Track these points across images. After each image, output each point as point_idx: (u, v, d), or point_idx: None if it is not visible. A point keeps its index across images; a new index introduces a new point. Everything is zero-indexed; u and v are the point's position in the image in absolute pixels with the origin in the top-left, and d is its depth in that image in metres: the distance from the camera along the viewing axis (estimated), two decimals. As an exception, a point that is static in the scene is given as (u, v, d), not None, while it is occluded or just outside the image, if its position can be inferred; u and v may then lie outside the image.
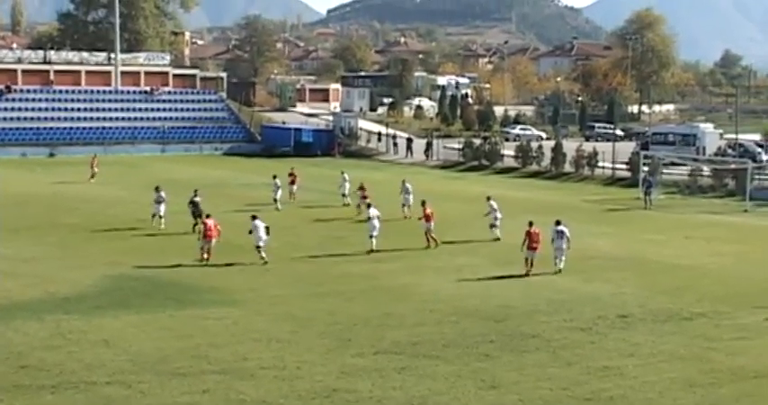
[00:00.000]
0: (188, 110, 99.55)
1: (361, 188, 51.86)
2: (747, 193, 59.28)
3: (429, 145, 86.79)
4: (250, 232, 38.41)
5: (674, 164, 70.09)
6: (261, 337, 26.99)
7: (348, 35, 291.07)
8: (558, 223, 37.88)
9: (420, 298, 32.25)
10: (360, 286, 34.06)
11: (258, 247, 37.95)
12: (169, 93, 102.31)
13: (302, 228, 47.52)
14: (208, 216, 39.96)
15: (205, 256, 38.06)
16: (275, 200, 53.93)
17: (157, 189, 47.25)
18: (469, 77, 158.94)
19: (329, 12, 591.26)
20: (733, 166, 66.60)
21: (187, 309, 30.11)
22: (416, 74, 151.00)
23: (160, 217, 46.36)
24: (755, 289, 34.56)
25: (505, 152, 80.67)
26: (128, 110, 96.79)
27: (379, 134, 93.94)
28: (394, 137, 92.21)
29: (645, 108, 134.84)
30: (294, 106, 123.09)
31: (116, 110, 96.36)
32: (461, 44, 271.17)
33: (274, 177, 54.69)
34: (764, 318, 29.65)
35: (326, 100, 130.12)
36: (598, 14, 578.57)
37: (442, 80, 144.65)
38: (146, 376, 23.31)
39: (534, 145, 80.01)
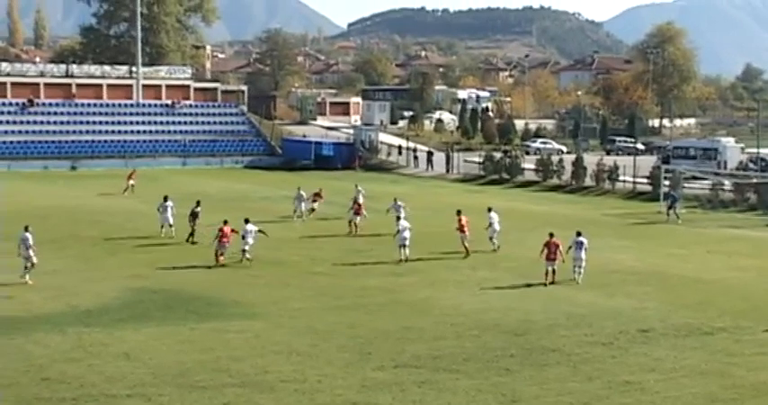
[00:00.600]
0: (209, 123, 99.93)
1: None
2: (769, 208, 59.06)
3: (449, 158, 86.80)
4: (243, 237, 39.77)
5: (695, 178, 69.87)
6: (281, 349, 27.01)
7: (369, 48, 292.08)
8: (578, 234, 38.12)
9: (440, 311, 32.22)
10: (380, 299, 34.05)
11: (243, 250, 39.86)
12: (190, 106, 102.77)
13: (322, 241, 47.58)
14: (225, 222, 40.76)
15: (221, 259, 39.64)
16: (295, 211, 54.20)
17: (165, 199, 48.35)
18: (490, 91, 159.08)
19: (350, 25, 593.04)
20: (755, 181, 66.35)
21: (208, 322, 30.17)
22: (437, 87, 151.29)
23: (170, 226, 47.35)
24: (777, 304, 34.40)
25: (526, 166, 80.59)
26: (149, 123, 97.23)
27: (400, 147, 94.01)
28: (414, 150, 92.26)
29: (666, 122, 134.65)
30: (315, 119, 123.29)
31: (137, 123, 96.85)
32: (482, 58, 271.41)
33: (299, 189, 54.99)
34: (763, 329, 29.32)
35: (347, 113, 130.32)
36: (619, 28, 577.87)
37: (462, 93, 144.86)
38: (166, 389, 23.36)
39: (555, 159, 79.87)
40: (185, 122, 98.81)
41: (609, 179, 73.66)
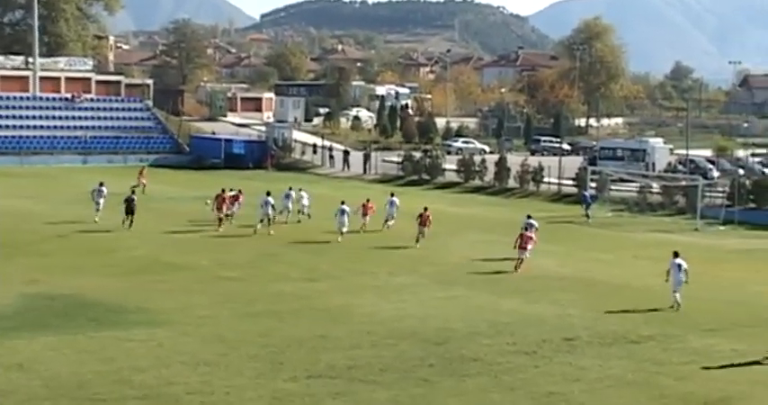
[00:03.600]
0: (112, 118, 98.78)
1: (366, 206, 52.41)
2: (698, 212, 60.00)
3: (367, 158, 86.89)
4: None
5: (622, 180, 70.82)
6: (188, 359, 26.83)
7: (283, 41, 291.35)
8: (529, 217, 44.78)
9: (357, 319, 32.26)
10: (293, 306, 33.98)
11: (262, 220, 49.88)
12: (92, 100, 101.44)
13: (234, 244, 47.33)
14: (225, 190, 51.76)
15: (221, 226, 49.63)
16: (281, 211, 53.25)
17: (101, 184, 53.08)
18: (410, 87, 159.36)
19: (263, 17, 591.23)
20: (683, 183, 67.36)
21: (109, 330, 29.85)
22: (354, 83, 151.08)
23: (98, 210, 51.76)
24: (705, 311, 34.98)
25: (447, 166, 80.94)
26: (47, 118, 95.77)
27: (315, 146, 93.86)
28: (330, 149, 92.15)
29: (593, 121, 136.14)
30: (225, 116, 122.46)
31: (34, 118, 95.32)
32: (402, 52, 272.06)
33: (290, 188, 55.78)
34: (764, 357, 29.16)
35: (259, 109, 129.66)
36: (545, 23, 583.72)
37: (380, 90, 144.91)
38: (62, 402, 23.06)
39: (477, 159, 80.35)
40: (86, 117, 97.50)
41: (533, 181, 74.36)
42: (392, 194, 54.44)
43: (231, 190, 54.89)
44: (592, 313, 33.99)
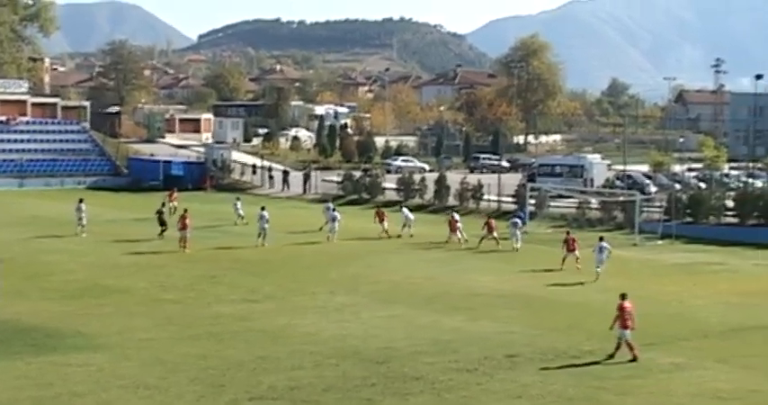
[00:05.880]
0: (48, 141, 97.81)
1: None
2: (636, 227, 60.55)
3: (307, 178, 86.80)
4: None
5: (561, 196, 71.27)
6: (127, 383, 26.59)
7: (221, 62, 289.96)
8: (601, 239, 47.54)
9: (298, 339, 32.16)
10: (233, 328, 33.83)
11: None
12: (27, 123, 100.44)
13: (173, 266, 46.99)
14: (185, 210, 52.52)
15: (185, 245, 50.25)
16: (260, 234, 54.04)
17: (81, 201, 57.19)
18: (349, 107, 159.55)
19: (200, 37, 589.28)
20: (621, 199, 67.92)
21: (47, 355, 29.51)
22: (293, 103, 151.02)
23: (82, 226, 55.58)
24: (644, 325, 35.14)
25: (387, 185, 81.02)
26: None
27: (254, 167, 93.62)
28: (269, 169, 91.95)
29: (531, 138, 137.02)
30: (163, 137, 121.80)
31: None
32: (340, 72, 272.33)
33: (262, 209, 55.53)
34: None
35: (198, 131, 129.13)
36: (482, 41, 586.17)
37: (319, 109, 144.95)
38: (1, 429, 22.80)
39: (417, 177, 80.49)
40: (22, 140, 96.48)
41: (473, 198, 74.55)
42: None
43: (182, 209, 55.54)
44: (533, 330, 34.15)
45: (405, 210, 61.86)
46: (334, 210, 58.50)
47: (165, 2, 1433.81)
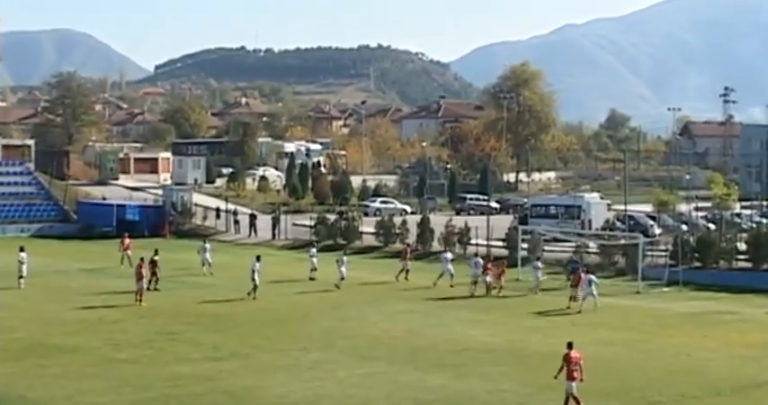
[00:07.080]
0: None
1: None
2: (639, 272, 60.62)
3: (276, 222, 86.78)
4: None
5: (556, 240, 71.38)
6: (77, 453, 26.50)
7: (180, 95, 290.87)
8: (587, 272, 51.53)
9: (266, 401, 32.11)
10: (195, 390, 33.74)
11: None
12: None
13: (128, 323, 46.86)
14: (141, 259, 53.76)
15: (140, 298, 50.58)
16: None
17: (22, 249, 57.55)
18: (322, 143, 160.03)
19: (157, 68, 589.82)
20: (623, 242, 68.08)
21: (-12, 422, 29.42)
22: (260, 140, 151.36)
23: (22, 277, 55.93)
24: (649, 381, 35.30)
25: (364, 229, 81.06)
26: None
27: (218, 210, 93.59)
28: (235, 213, 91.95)
29: (523, 176, 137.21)
30: (116, 179, 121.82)
31: None
32: (312, 105, 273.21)
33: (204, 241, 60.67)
34: None
35: (155, 171, 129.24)
36: (468, 70, 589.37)
37: (290, 146, 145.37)
38: None
39: (397, 220, 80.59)
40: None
41: (459, 243, 74.52)
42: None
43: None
44: (526, 388, 34.15)
45: (447, 255, 63.36)
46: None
47: (118, 29, 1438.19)
